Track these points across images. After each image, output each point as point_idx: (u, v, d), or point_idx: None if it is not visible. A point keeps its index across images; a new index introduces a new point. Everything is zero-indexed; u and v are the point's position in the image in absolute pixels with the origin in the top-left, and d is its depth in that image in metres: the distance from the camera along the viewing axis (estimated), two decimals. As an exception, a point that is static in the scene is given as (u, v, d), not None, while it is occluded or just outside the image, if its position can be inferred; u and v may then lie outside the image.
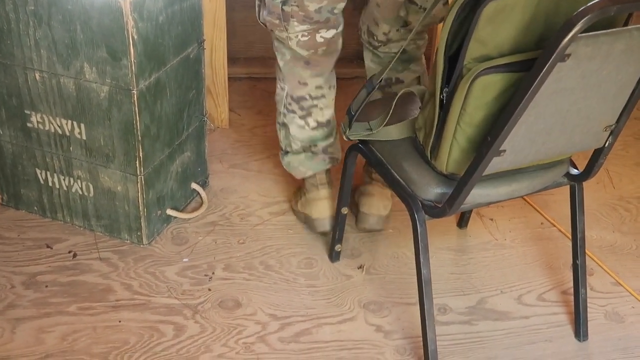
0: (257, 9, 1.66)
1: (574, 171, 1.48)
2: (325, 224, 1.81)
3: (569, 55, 1.08)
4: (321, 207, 1.80)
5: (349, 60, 2.42)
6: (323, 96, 1.74)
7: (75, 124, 1.66)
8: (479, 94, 1.18)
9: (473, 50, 1.17)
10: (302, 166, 1.81)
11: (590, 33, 1.07)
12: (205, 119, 1.92)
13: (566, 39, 1.04)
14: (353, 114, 1.44)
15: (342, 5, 1.59)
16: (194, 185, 1.95)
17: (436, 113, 1.27)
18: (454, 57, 1.22)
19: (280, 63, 1.71)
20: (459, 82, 1.19)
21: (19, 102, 1.69)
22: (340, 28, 1.66)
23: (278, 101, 1.78)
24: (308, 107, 1.74)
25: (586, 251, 1.63)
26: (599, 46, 1.10)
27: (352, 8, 1.81)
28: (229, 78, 2.29)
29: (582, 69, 1.13)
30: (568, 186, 1.52)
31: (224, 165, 2.13)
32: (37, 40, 1.57)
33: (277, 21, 1.61)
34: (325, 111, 1.75)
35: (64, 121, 1.67)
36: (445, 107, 1.25)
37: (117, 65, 1.53)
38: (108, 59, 1.53)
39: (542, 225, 1.97)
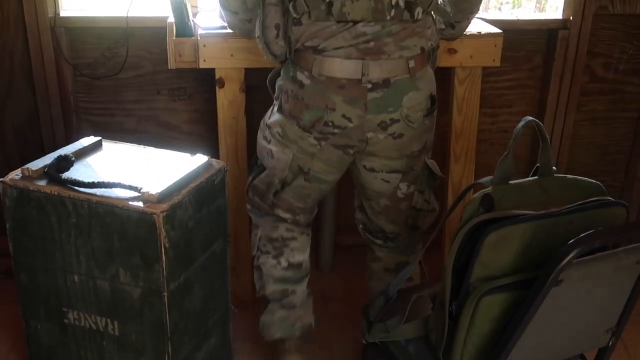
0: (248, 188, 1.90)
1: (583, 364, 1.55)
2: None
3: (562, 281, 1.18)
4: None
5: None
6: (294, 238, 1.90)
7: (109, 321, 1.77)
8: (485, 311, 1.28)
9: (478, 271, 1.28)
10: (272, 327, 1.93)
11: (581, 259, 1.18)
12: (230, 305, 2.03)
13: (556, 270, 1.15)
14: (372, 320, 1.54)
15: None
16: (219, 369, 2.02)
17: (446, 322, 1.37)
18: (461, 269, 1.33)
19: (254, 219, 1.96)
20: (466, 299, 1.30)
21: (57, 301, 1.81)
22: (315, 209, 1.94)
23: (252, 245, 1.97)
24: (280, 246, 1.90)
25: None
26: (590, 270, 1.21)
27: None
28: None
29: (576, 290, 1.23)
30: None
31: (248, 345, 2.20)
32: (77, 247, 1.71)
33: (266, 207, 1.86)
34: (296, 253, 1.90)
35: (98, 318, 1.78)
36: (454, 318, 1.34)
37: (149, 270, 1.66)
38: (141, 265, 1.66)
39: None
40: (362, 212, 1.92)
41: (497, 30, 2.15)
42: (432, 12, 1.66)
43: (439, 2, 1.75)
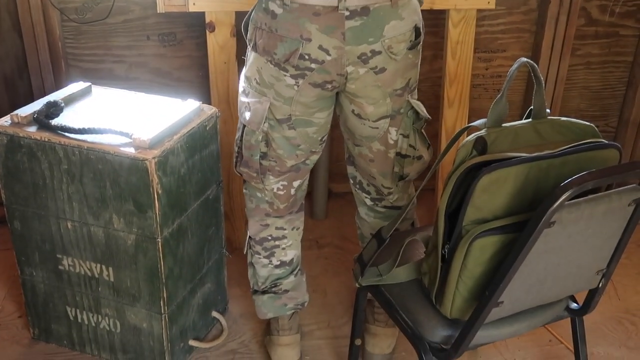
0: (234, 159, 1.76)
1: (574, 305, 1.56)
2: None
3: (554, 222, 1.19)
4: (280, 353, 1.90)
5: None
6: (284, 237, 1.84)
7: (103, 267, 1.78)
8: (477, 253, 1.28)
9: (470, 214, 1.28)
10: (263, 307, 1.90)
11: (572, 201, 1.19)
12: (224, 251, 2.04)
13: (549, 211, 1.15)
14: (365, 263, 1.54)
15: (316, 157, 1.74)
16: (214, 314, 2.04)
17: (439, 265, 1.38)
18: (454, 213, 1.34)
19: (246, 210, 1.85)
20: (459, 242, 1.30)
21: (51, 247, 1.81)
22: (307, 176, 1.80)
23: (245, 243, 1.91)
24: (270, 247, 1.84)
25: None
26: (581, 212, 1.21)
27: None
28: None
29: (568, 231, 1.24)
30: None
31: (243, 289, 2.22)
32: (69, 194, 1.71)
33: (254, 174, 1.72)
34: (288, 251, 1.86)
35: (93, 265, 1.79)
36: (447, 261, 1.35)
37: (143, 216, 1.66)
38: (135, 212, 1.66)
39: (550, 342, 2.04)
40: (353, 165, 1.85)
41: (492, -29, 2.11)
42: None
43: None
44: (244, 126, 1.69)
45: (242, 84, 1.70)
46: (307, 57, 1.51)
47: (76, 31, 2.36)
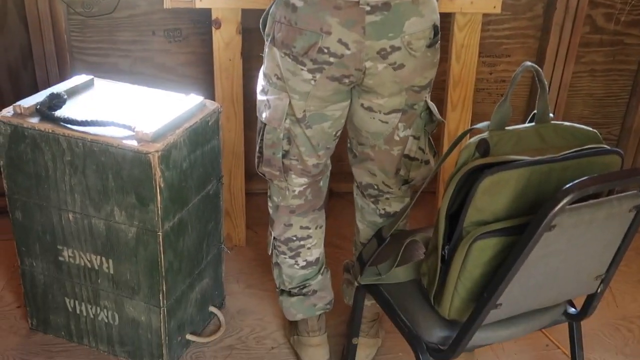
0: (256, 160, 1.77)
1: (572, 310, 1.57)
2: None
3: (554, 226, 1.19)
4: (312, 354, 1.89)
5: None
6: (309, 236, 1.84)
7: (104, 259, 1.78)
8: (477, 255, 1.29)
9: (471, 216, 1.28)
10: (292, 308, 1.90)
11: (573, 206, 1.19)
12: (223, 246, 2.04)
13: (550, 215, 1.15)
14: (365, 262, 1.55)
15: (330, 153, 1.77)
16: (212, 309, 2.05)
17: (438, 266, 1.38)
18: (454, 215, 1.34)
19: (270, 210, 1.85)
20: (459, 243, 1.30)
21: (52, 239, 1.82)
22: (328, 173, 1.83)
23: (267, 244, 1.91)
24: (296, 247, 1.84)
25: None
26: (582, 216, 1.22)
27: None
28: (246, 194, 2.42)
29: (568, 235, 1.24)
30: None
31: (241, 286, 2.23)
32: (72, 186, 1.71)
33: (277, 172, 1.73)
34: (314, 250, 1.86)
35: (93, 257, 1.79)
36: (446, 262, 1.36)
37: (144, 210, 1.67)
38: (136, 204, 1.67)
39: (547, 347, 2.04)
40: (355, 165, 1.84)
41: (499, -25, 2.12)
42: None
43: None
44: (265, 125, 1.70)
45: (260, 82, 1.71)
46: (326, 50, 1.52)
47: (82, 24, 2.36)
